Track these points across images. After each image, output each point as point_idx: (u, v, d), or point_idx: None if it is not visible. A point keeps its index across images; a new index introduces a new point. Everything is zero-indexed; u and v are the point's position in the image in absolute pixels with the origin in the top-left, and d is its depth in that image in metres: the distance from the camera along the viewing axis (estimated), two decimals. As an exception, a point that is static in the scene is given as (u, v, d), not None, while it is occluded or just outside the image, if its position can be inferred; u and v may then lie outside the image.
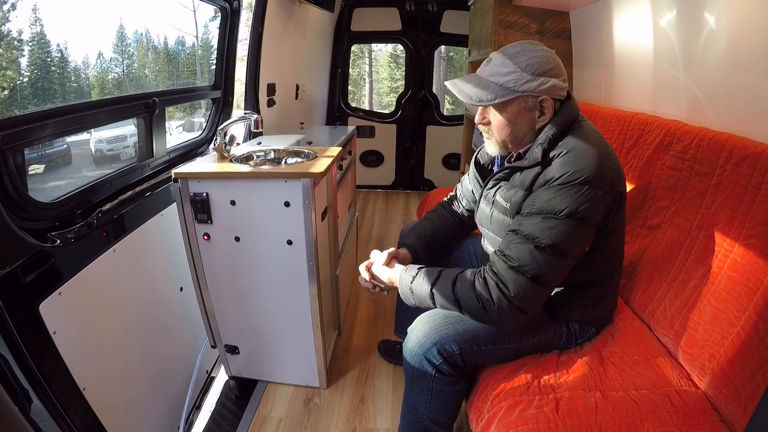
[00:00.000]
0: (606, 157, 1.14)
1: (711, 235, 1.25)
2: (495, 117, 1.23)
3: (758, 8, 1.24)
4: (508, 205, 1.23)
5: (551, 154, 1.16)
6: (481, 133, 1.33)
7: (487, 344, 1.25)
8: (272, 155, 1.94)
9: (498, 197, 1.28)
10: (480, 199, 1.39)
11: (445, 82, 1.30)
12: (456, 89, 1.23)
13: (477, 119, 1.28)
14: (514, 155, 1.30)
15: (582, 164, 1.10)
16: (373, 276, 1.42)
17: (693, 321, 1.21)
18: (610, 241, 1.25)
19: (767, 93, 1.23)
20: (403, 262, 1.43)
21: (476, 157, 1.49)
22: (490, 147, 1.32)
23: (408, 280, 1.29)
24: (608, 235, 1.23)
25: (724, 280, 1.16)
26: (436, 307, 1.26)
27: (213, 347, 1.90)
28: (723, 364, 1.07)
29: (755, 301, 1.04)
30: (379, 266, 1.41)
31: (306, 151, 1.90)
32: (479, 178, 1.45)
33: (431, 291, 1.23)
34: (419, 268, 1.30)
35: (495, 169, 1.41)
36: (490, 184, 1.33)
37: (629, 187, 1.67)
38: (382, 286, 1.42)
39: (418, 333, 1.28)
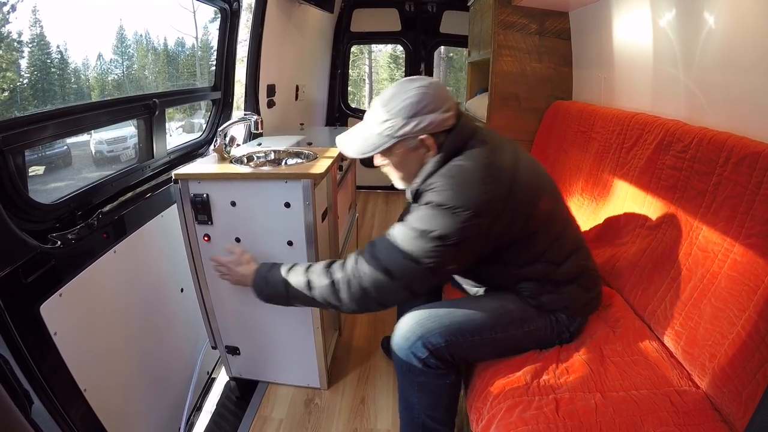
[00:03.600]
0: (483, 182, 1.15)
1: (711, 234, 1.25)
2: (386, 161, 1.30)
3: (757, 8, 1.24)
4: None
5: (421, 188, 1.23)
6: None
7: (474, 335, 1.27)
8: (272, 156, 1.94)
9: None
10: None
11: (337, 138, 1.35)
12: (342, 146, 1.32)
13: (376, 163, 1.33)
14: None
15: (446, 195, 1.14)
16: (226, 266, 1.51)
17: (693, 321, 1.21)
18: (532, 242, 1.27)
19: (766, 93, 1.23)
20: None
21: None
22: (397, 183, 1.36)
23: (263, 271, 1.40)
24: (528, 237, 1.25)
25: (725, 279, 1.16)
26: (287, 295, 1.33)
27: (214, 348, 1.90)
28: (723, 364, 1.07)
29: (756, 300, 1.04)
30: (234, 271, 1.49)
31: (306, 152, 1.90)
32: None
33: (285, 278, 1.33)
34: (274, 264, 1.40)
35: None
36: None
37: (629, 187, 1.67)
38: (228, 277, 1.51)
39: (404, 328, 1.30)
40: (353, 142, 1.28)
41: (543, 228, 1.27)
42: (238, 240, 1.65)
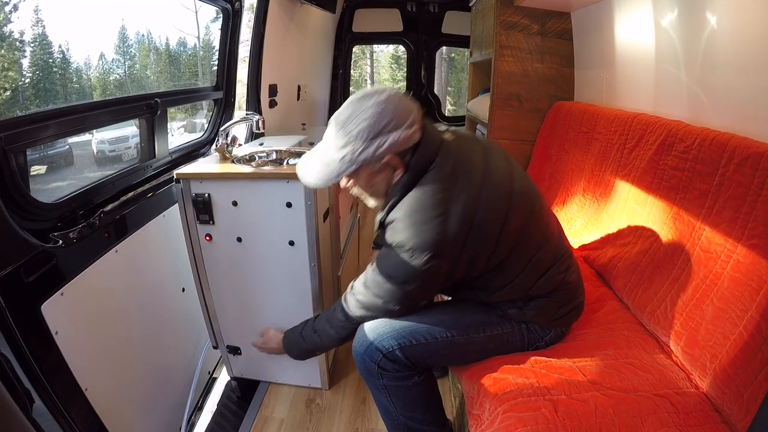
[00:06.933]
0: (441, 221, 1.11)
1: (713, 235, 1.24)
2: (352, 183, 1.25)
3: (760, 8, 1.24)
4: None
5: (385, 220, 1.21)
6: None
7: (427, 338, 1.27)
8: (274, 156, 1.94)
9: None
10: None
11: (297, 165, 1.28)
12: (302, 175, 1.25)
13: (342, 185, 1.27)
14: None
15: (405, 235, 1.13)
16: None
17: (694, 321, 1.21)
18: (502, 269, 1.23)
19: (769, 93, 1.23)
20: None
21: None
22: (368, 203, 1.33)
23: (296, 336, 1.51)
24: (497, 266, 1.22)
25: (727, 280, 1.15)
26: (323, 342, 1.45)
27: (215, 348, 1.90)
28: (725, 365, 1.07)
29: (758, 300, 1.03)
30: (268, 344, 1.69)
31: (308, 151, 1.89)
32: None
33: (313, 327, 1.45)
34: (293, 329, 1.54)
35: None
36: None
37: (631, 188, 1.67)
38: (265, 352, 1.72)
39: (359, 334, 1.33)
40: (314, 169, 1.21)
41: (513, 253, 1.21)
42: (239, 240, 1.65)
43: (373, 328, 1.31)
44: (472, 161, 1.19)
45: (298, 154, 1.92)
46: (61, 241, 1.28)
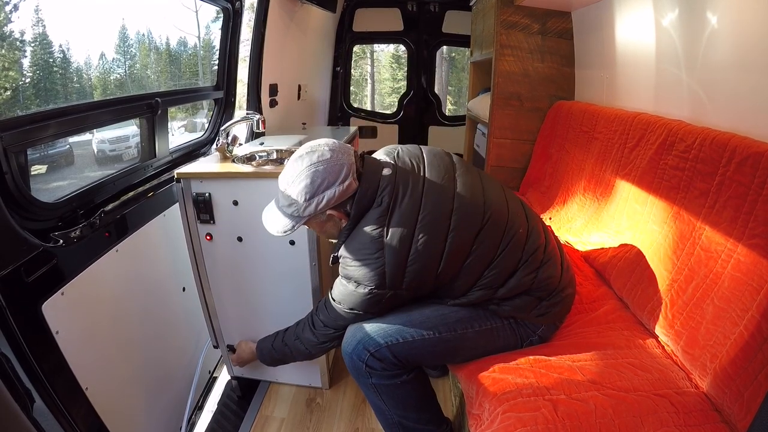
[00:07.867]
0: (376, 259, 1.22)
1: (714, 234, 1.24)
2: (309, 228, 1.38)
3: (761, 8, 1.24)
4: None
5: (338, 256, 1.33)
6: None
7: (414, 336, 1.31)
8: (275, 155, 1.94)
9: None
10: None
11: (263, 212, 1.37)
12: (265, 223, 1.34)
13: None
14: None
15: (350, 270, 1.27)
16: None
17: (695, 321, 1.21)
18: (458, 280, 1.29)
19: (770, 92, 1.22)
20: None
21: None
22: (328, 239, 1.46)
23: (268, 347, 1.59)
24: (451, 280, 1.29)
25: (728, 279, 1.15)
26: (293, 354, 1.52)
27: (215, 347, 1.90)
28: (725, 364, 1.07)
29: (759, 300, 1.03)
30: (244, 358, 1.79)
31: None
32: None
33: (283, 340, 1.53)
34: (265, 338, 1.63)
35: None
36: None
37: (631, 187, 1.67)
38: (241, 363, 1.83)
39: (348, 333, 1.37)
40: (272, 221, 1.32)
41: (468, 265, 1.27)
42: (240, 239, 1.65)
43: (360, 328, 1.34)
44: (408, 191, 1.26)
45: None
46: (61, 241, 1.28)
